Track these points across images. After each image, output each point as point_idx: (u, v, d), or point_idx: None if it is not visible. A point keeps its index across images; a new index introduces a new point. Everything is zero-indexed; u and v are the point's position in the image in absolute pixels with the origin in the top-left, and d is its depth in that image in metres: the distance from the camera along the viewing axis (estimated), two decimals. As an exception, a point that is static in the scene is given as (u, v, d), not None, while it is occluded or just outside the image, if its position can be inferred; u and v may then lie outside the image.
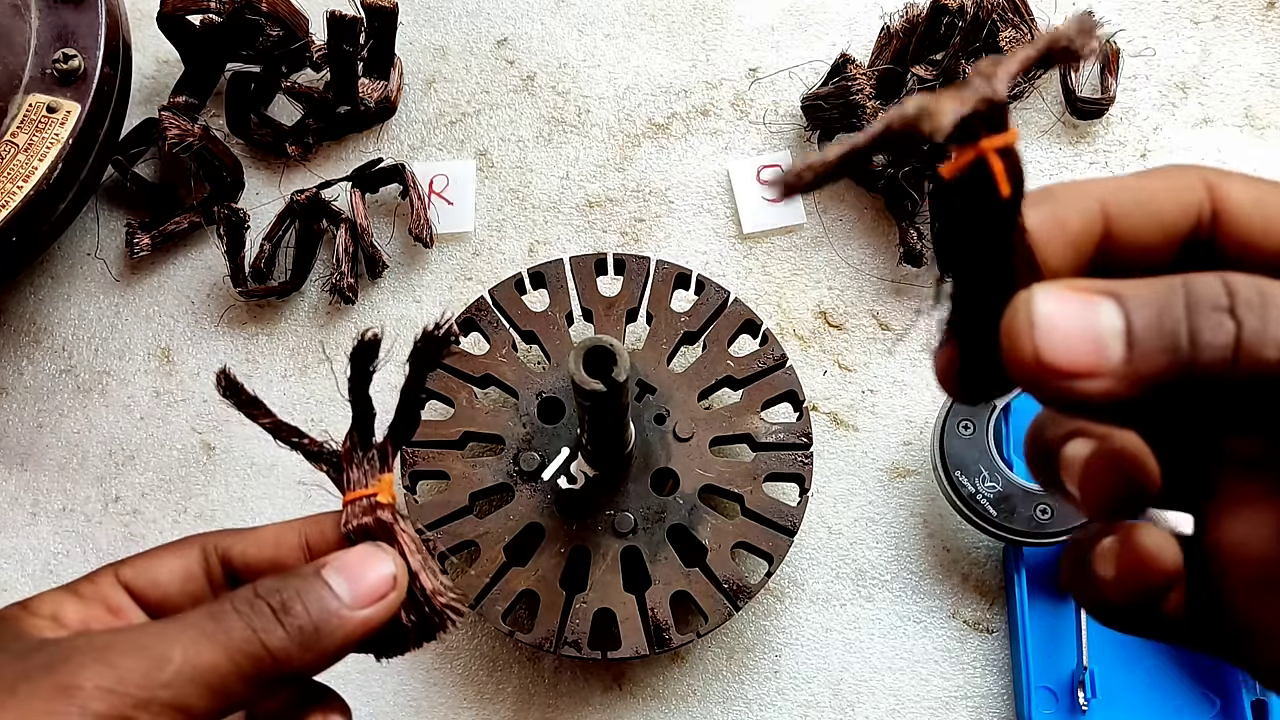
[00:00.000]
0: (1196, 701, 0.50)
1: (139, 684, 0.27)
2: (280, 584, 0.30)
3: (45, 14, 0.52)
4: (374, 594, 0.30)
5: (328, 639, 0.29)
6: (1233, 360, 0.20)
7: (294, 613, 0.29)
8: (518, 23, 0.62)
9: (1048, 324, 0.21)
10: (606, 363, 0.39)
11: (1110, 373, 0.21)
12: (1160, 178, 0.25)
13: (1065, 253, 0.24)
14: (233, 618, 0.28)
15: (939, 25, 0.54)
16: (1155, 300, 0.21)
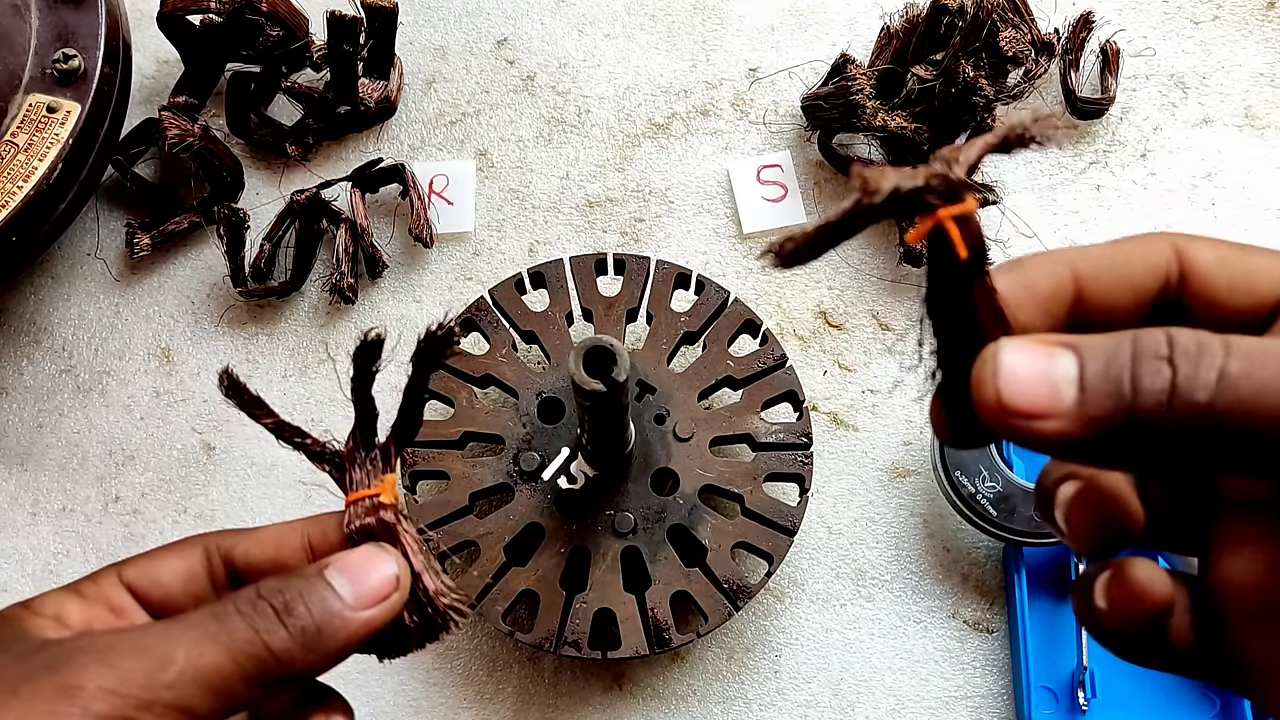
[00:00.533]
0: (1196, 701, 0.50)
1: (142, 685, 0.27)
2: (283, 584, 0.30)
3: (45, 14, 0.52)
4: (377, 595, 0.30)
5: (330, 640, 0.29)
6: (1168, 403, 0.22)
7: (297, 613, 0.29)
8: (518, 23, 0.62)
9: (1009, 371, 0.24)
10: (606, 363, 0.39)
11: (1064, 414, 0.23)
12: (1131, 243, 0.27)
13: (1036, 314, 0.27)
14: (235, 619, 0.29)
15: (939, 25, 0.54)
16: (1106, 351, 0.23)
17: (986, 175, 0.56)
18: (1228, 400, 0.22)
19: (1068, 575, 0.51)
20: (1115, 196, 0.58)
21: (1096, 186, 0.59)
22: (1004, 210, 0.57)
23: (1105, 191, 0.59)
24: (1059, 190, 0.59)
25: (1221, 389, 0.22)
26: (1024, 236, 0.57)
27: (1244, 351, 0.22)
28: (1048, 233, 0.57)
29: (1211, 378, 0.22)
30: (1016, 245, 0.57)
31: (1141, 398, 0.22)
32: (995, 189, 0.54)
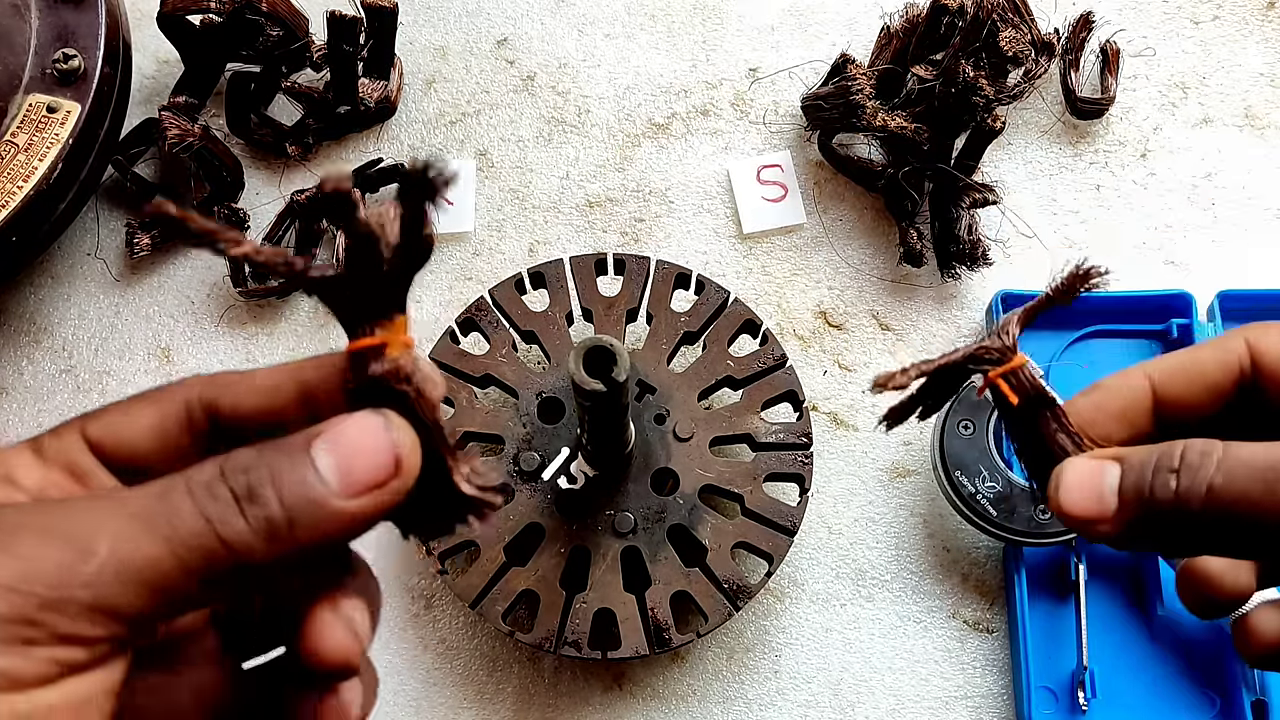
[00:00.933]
0: (1196, 701, 0.50)
1: (49, 581, 0.21)
2: (253, 460, 0.24)
3: (45, 14, 0.52)
4: (370, 480, 0.24)
5: (303, 533, 0.23)
6: (1174, 507, 0.28)
7: (261, 500, 0.23)
8: (518, 23, 0.62)
9: (1067, 489, 0.30)
10: (606, 363, 0.39)
11: (1109, 519, 0.29)
12: (1206, 347, 0.32)
13: (1113, 427, 0.32)
14: (183, 501, 0.23)
15: (939, 25, 0.54)
16: (1139, 464, 0.29)
17: (987, 175, 0.56)
18: (1214, 504, 0.27)
19: (1067, 575, 0.51)
20: (1115, 196, 0.58)
21: (1096, 186, 0.59)
22: (1004, 210, 0.57)
23: (1105, 191, 0.58)
24: (1059, 190, 0.58)
25: (1209, 497, 0.27)
26: (1024, 236, 0.57)
27: (1227, 466, 0.27)
28: (1048, 233, 0.57)
29: (1203, 490, 0.27)
30: (1016, 245, 0.57)
31: (1158, 506, 0.28)
32: (995, 189, 0.54)
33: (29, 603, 0.21)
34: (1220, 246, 0.57)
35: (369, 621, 0.27)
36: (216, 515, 0.23)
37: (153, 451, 0.26)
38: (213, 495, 0.23)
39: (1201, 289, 0.54)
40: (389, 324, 0.25)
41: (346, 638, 0.26)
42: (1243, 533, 0.27)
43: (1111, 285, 0.57)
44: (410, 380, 0.25)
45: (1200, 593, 0.35)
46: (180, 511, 0.23)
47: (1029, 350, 0.51)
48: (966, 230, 0.54)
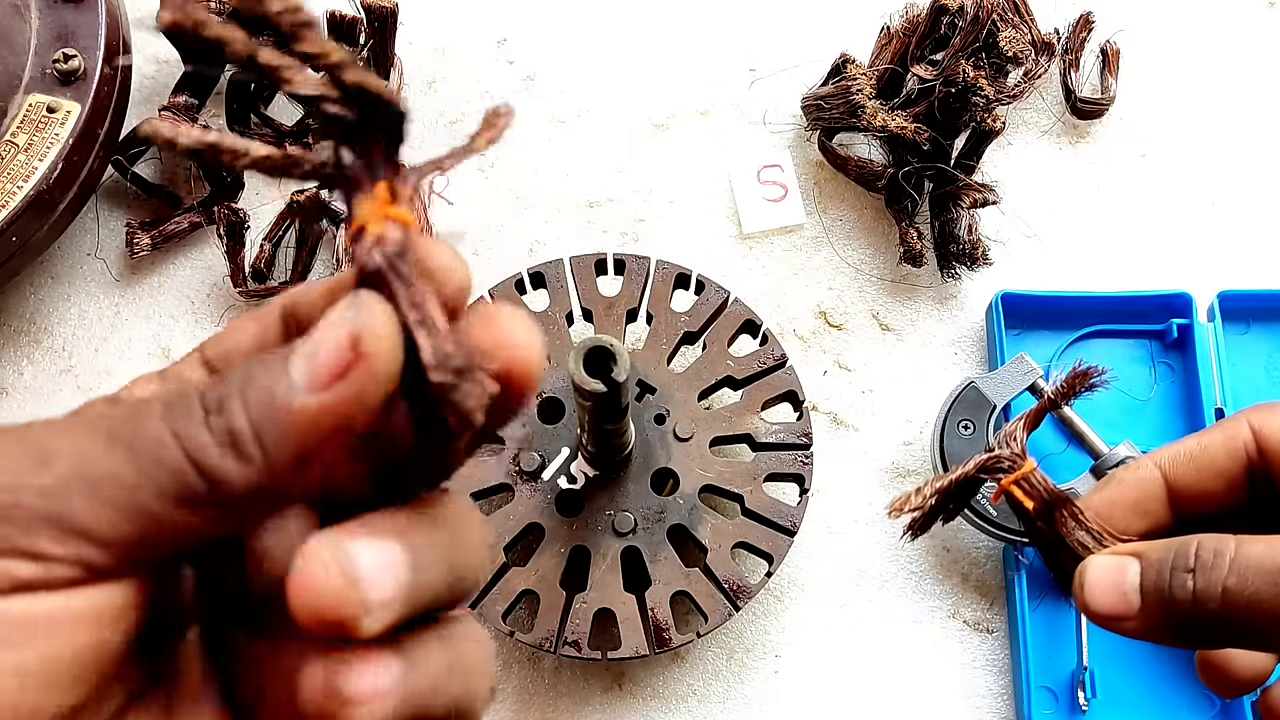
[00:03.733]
0: (1196, 701, 0.50)
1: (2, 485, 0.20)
2: (231, 372, 0.22)
3: (45, 14, 0.52)
4: (330, 368, 0.21)
5: (272, 444, 0.21)
6: (1193, 608, 0.29)
7: (226, 411, 0.21)
8: (518, 23, 0.62)
9: (1090, 588, 0.31)
10: (606, 363, 0.39)
11: (1134, 616, 0.30)
12: (1211, 433, 0.33)
13: (1132, 519, 0.32)
14: (153, 415, 0.21)
15: (939, 25, 0.54)
16: (1158, 560, 0.30)
17: (987, 175, 0.56)
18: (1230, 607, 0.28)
19: (1068, 575, 0.51)
20: (1115, 196, 0.58)
21: (1096, 186, 0.59)
22: (1004, 210, 0.57)
23: (1105, 191, 0.59)
24: (1059, 190, 0.58)
25: (1225, 600, 0.28)
26: (1024, 237, 0.57)
27: (1238, 567, 0.28)
28: (1048, 233, 0.57)
29: (1217, 591, 0.28)
30: (1017, 245, 0.57)
31: (1178, 606, 0.29)
32: (995, 189, 0.54)
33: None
34: (1220, 246, 0.57)
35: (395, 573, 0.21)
36: (183, 430, 0.21)
37: None
38: (186, 409, 0.21)
39: (1201, 289, 0.54)
40: (369, 198, 0.22)
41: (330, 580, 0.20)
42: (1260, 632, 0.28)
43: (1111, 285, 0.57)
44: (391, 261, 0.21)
45: (1220, 678, 0.35)
46: (147, 425, 0.21)
47: (1030, 350, 0.51)
48: (966, 230, 0.54)
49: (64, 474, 0.20)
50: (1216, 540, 0.29)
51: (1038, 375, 0.51)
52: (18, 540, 0.20)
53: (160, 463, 0.20)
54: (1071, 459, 0.53)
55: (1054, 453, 0.53)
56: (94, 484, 0.20)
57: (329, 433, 0.21)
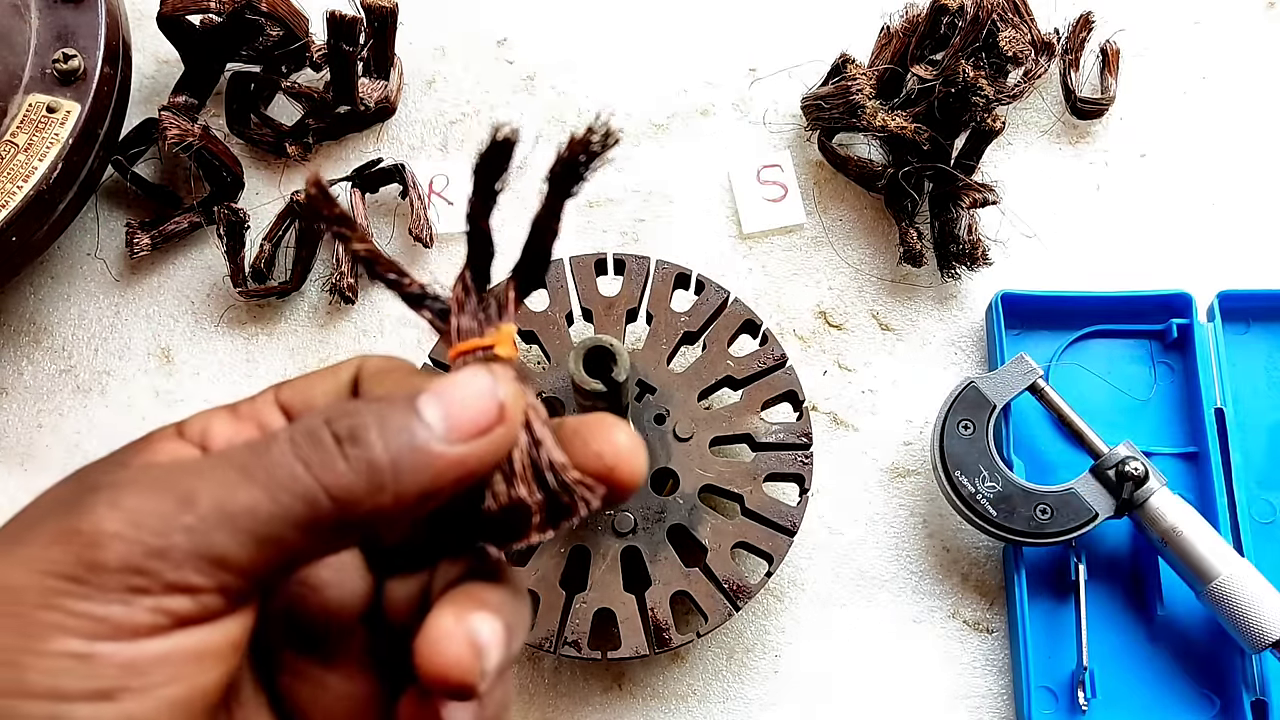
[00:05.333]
0: (1196, 701, 0.50)
1: (153, 529, 0.22)
2: (355, 408, 0.24)
3: (45, 14, 0.52)
4: (475, 424, 0.23)
5: (408, 478, 0.23)
6: None
7: (364, 443, 0.23)
8: (518, 22, 0.62)
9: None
10: (606, 363, 0.39)
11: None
12: None
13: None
14: (283, 448, 0.23)
15: (939, 25, 0.54)
16: None
17: (987, 175, 0.56)
18: None
19: (1067, 575, 0.51)
20: (1115, 196, 0.58)
21: (1096, 186, 0.59)
22: (1004, 210, 0.57)
23: (1105, 191, 0.58)
24: (1059, 190, 0.58)
25: None
26: (1024, 237, 0.57)
27: None
28: (1048, 233, 0.57)
29: None
30: (1017, 245, 0.57)
31: None
32: (995, 189, 0.54)
33: (134, 551, 0.22)
34: (1220, 246, 0.57)
35: (502, 643, 0.24)
36: (316, 460, 0.23)
37: None
38: (314, 441, 0.23)
39: (1201, 289, 0.54)
40: (497, 330, 0.26)
41: (462, 651, 0.23)
42: None
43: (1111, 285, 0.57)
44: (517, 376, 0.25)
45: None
46: (278, 457, 0.23)
47: (1029, 350, 0.51)
48: (966, 230, 0.54)
49: (206, 511, 0.22)
50: None
51: (1038, 375, 0.51)
52: (170, 576, 0.22)
53: (294, 493, 0.22)
54: (1071, 459, 0.53)
55: (1053, 453, 0.53)
56: (234, 517, 0.22)
57: (457, 482, 0.23)
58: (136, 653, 0.22)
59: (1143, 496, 0.48)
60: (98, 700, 0.21)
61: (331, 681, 0.27)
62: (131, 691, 0.21)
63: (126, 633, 0.22)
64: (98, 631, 0.21)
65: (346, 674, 0.27)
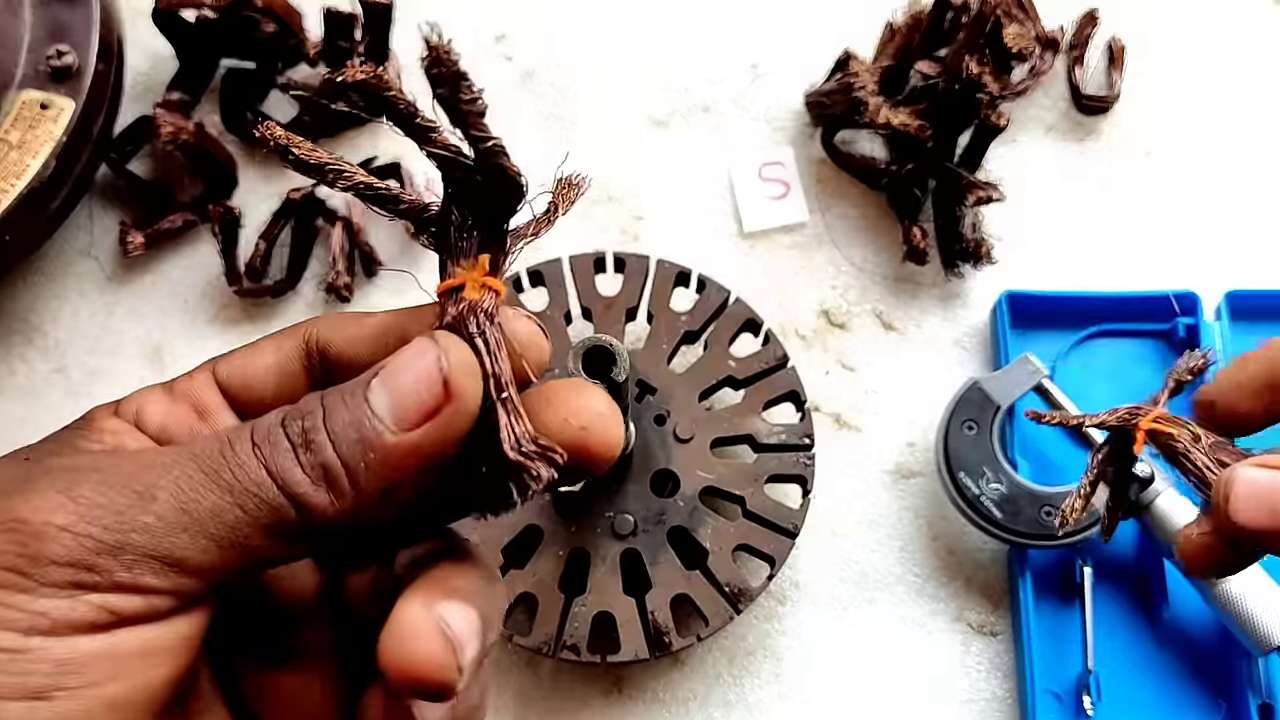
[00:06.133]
0: (1202, 705, 0.50)
1: (107, 524, 0.21)
2: (313, 404, 0.23)
3: (39, 10, 0.52)
4: (419, 407, 0.22)
5: (364, 476, 0.22)
6: None
7: (315, 446, 0.22)
8: (516, 19, 0.62)
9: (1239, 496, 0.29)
10: (606, 362, 0.39)
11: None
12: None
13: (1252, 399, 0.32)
14: (247, 450, 0.22)
15: (943, 21, 0.54)
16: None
17: (991, 172, 0.55)
18: None
19: (1073, 578, 0.50)
20: (1121, 194, 0.58)
21: (1102, 184, 0.58)
22: (1008, 209, 0.56)
23: (1111, 189, 0.58)
24: (1064, 187, 0.58)
25: None
26: (1029, 234, 0.57)
27: None
28: (1053, 231, 0.57)
29: None
30: (1021, 243, 0.56)
31: None
32: (999, 187, 0.54)
33: (84, 545, 0.21)
34: (1228, 245, 0.57)
35: (478, 633, 0.23)
36: (277, 464, 0.22)
37: (274, 391, 0.26)
38: (273, 443, 0.22)
39: (1208, 288, 0.53)
40: (471, 265, 0.24)
41: (433, 647, 0.22)
42: None
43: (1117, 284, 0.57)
44: (481, 323, 0.23)
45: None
46: (243, 461, 0.22)
47: (1035, 350, 0.51)
48: (970, 228, 0.54)
49: (166, 511, 0.21)
50: None
51: (1043, 375, 0.50)
52: (120, 575, 0.21)
53: (258, 498, 0.22)
54: (1077, 460, 0.52)
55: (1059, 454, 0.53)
56: (196, 519, 0.21)
57: (414, 469, 0.22)
58: (72, 650, 0.21)
59: (1149, 498, 0.47)
60: (30, 699, 0.20)
61: (288, 678, 0.26)
62: (67, 690, 0.21)
63: (65, 629, 0.21)
64: (34, 626, 0.20)
65: (303, 670, 0.26)
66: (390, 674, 0.22)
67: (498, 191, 0.24)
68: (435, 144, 0.23)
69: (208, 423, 0.25)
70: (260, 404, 0.25)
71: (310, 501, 0.22)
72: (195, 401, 0.25)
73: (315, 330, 0.26)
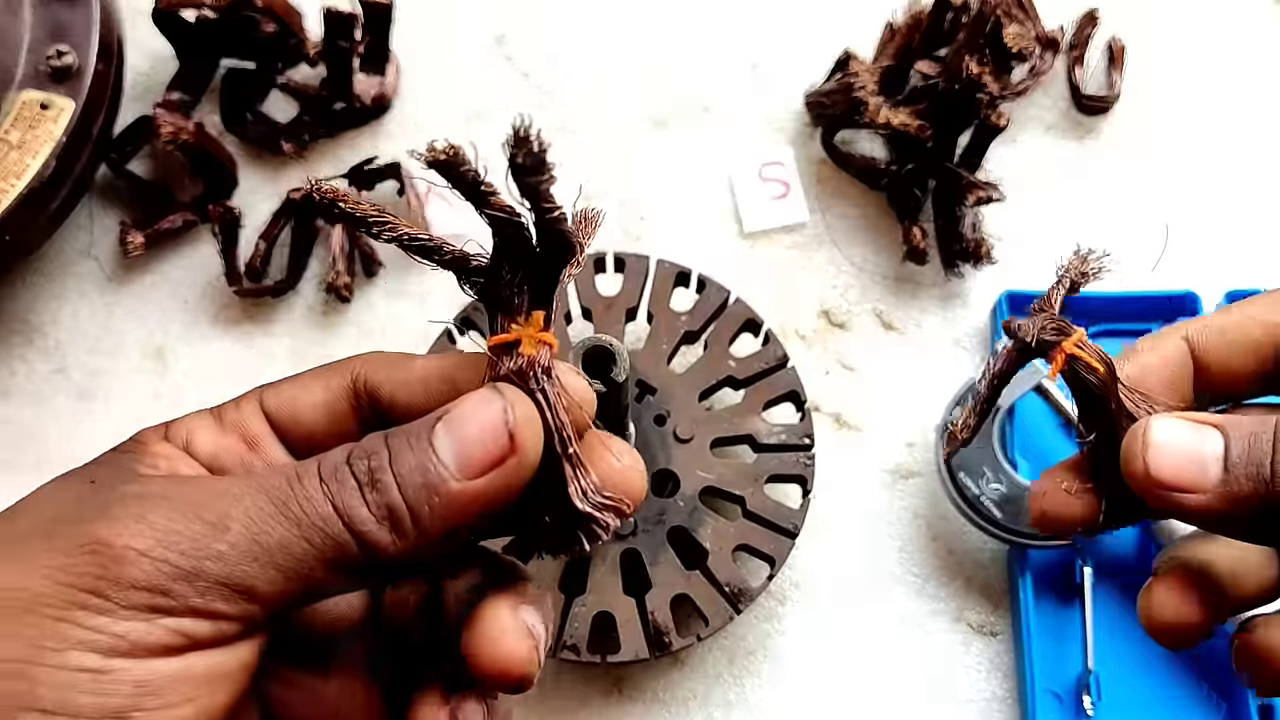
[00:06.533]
0: (1202, 704, 0.49)
1: (184, 550, 0.22)
2: (378, 445, 0.24)
3: (39, 10, 0.52)
4: (485, 457, 0.23)
5: (427, 518, 0.23)
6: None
7: (381, 486, 0.23)
8: (516, 19, 0.61)
9: (1158, 446, 0.26)
10: (606, 363, 0.39)
11: (1208, 490, 0.26)
12: (1245, 306, 0.29)
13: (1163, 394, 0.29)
14: (314, 485, 0.23)
15: (943, 21, 0.54)
16: (1250, 433, 0.26)
17: (991, 172, 0.55)
18: None
19: (1073, 578, 0.50)
20: (1121, 193, 0.58)
21: (1102, 183, 0.58)
22: (1008, 208, 0.56)
23: (1111, 188, 0.58)
24: (1064, 187, 0.58)
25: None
26: (1029, 234, 0.57)
27: None
28: (1053, 230, 0.57)
29: None
30: (1021, 243, 0.56)
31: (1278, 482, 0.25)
32: (999, 186, 0.54)
33: (161, 571, 0.21)
34: (1227, 245, 0.57)
35: (546, 635, 0.25)
36: (344, 502, 0.23)
37: (322, 427, 0.27)
38: (340, 480, 0.23)
39: (1208, 288, 0.53)
40: (526, 321, 0.25)
41: (522, 644, 0.24)
42: None
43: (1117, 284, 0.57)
44: (539, 378, 0.24)
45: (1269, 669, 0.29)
46: (311, 496, 0.23)
47: (1034, 350, 0.50)
48: (970, 228, 0.54)
49: (239, 541, 0.22)
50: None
51: (1042, 375, 0.50)
52: (194, 601, 0.22)
53: (324, 534, 0.23)
54: (1077, 460, 0.52)
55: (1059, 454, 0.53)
56: (267, 551, 0.22)
57: (476, 516, 0.23)
58: (151, 672, 0.21)
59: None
60: (110, 718, 0.21)
61: (327, 692, 0.27)
62: (145, 712, 0.21)
63: (143, 651, 0.21)
64: (115, 648, 0.21)
65: (342, 683, 0.27)
66: (484, 669, 0.24)
67: (552, 253, 0.25)
68: (494, 206, 0.24)
69: (258, 454, 0.26)
70: (310, 439, 0.27)
71: (374, 539, 0.23)
72: (244, 432, 0.26)
73: (364, 371, 0.27)
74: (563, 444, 0.24)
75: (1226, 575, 0.30)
